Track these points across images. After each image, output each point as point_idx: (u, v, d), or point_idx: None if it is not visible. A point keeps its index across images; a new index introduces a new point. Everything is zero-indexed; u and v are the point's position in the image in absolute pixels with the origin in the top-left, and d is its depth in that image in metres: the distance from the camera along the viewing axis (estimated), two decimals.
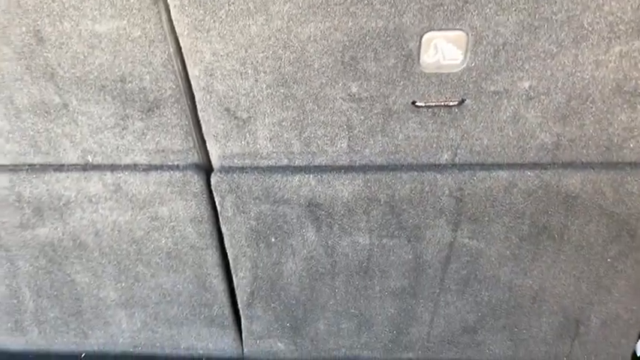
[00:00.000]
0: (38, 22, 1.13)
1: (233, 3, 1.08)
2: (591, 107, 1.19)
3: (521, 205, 1.37)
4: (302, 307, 1.62)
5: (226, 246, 1.50)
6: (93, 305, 1.66)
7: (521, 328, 1.62)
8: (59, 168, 1.40)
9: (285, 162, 1.32)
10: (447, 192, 1.36)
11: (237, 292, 1.60)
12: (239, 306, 1.64)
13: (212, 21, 1.11)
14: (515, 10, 1.06)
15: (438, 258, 1.48)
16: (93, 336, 1.73)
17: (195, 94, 1.22)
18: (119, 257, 1.54)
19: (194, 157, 1.34)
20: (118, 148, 1.32)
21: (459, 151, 1.28)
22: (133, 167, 1.39)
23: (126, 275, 1.58)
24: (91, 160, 1.35)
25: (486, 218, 1.40)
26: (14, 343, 1.77)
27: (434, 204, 1.38)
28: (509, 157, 1.29)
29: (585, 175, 1.32)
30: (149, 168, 1.38)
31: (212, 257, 1.52)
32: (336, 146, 1.29)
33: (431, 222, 1.42)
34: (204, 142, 1.32)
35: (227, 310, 1.65)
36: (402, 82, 1.17)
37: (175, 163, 1.35)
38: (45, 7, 1.11)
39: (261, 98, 1.21)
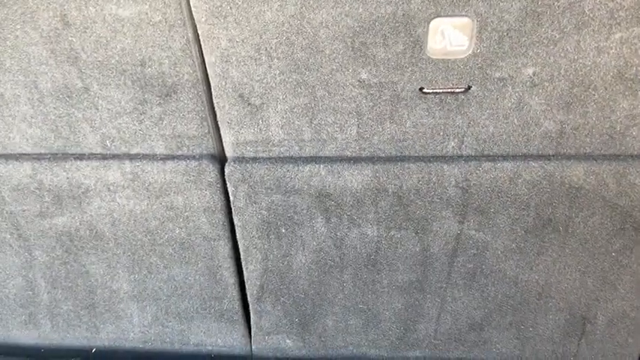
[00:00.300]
0: (65, 7, 1.18)
1: None
2: (594, 94, 1.23)
3: (526, 197, 1.40)
4: (310, 301, 1.63)
5: (238, 237, 1.52)
6: (106, 298, 1.68)
7: (527, 325, 1.62)
8: (80, 156, 1.44)
9: (296, 149, 1.36)
10: (453, 182, 1.38)
11: (248, 285, 1.62)
12: (249, 300, 1.65)
13: (229, 7, 1.16)
14: None
15: (445, 251, 1.50)
16: (104, 330, 1.75)
17: (210, 80, 1.27)
18: (134, 248, 1.57)
19: (208, 144, 1.38)
20: (135, 133, 1.36)
21: (465, 139, 1.31)
22: (152, 156, 1.42)
23: (139, 266, 1.60)
24: (109, 145, 1.39)
25: (492, 210, 1.42)
26: (27, 336, 1.79)
27: (441, 195, 1.41)
28: (514, 145, 1.32)
29: (588, 166, 1.34)
30: (166, 157, 1.42)
31: (224, 248, 1.55)
32: (346, 133, 1.32)
33: (438, 213, 1.44)
34: (218, 128, 1.36)
35: (237, 305, 1.67)
36: (409, 68, 1.21)
37: (191, 148, 1.39)
38: None
39: (274, 84, 1.25)
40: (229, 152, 1.40)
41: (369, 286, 1.59)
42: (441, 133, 1.31)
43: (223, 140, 1.37)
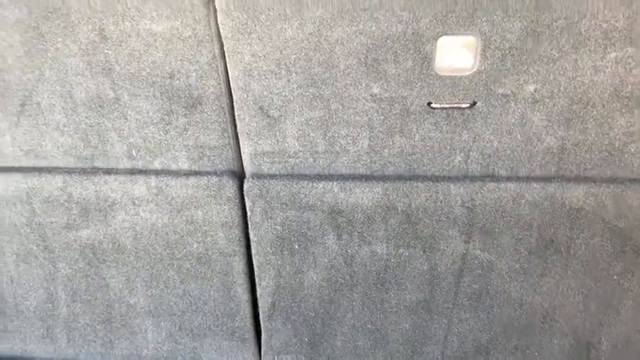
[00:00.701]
0: (104, 21, 1.27)
1: (272, 8, 1.21)
2: (592, 111, 1.28)
3: (529, 217, 1.43)
4: (320, 320, 1.64)
5: (253, 253, 1.56)
6: (122, 313, 1.70)
7: (532, 350, 1.62)
8: (109, 170, 1.50)
9: (310, 161, 1.41)
10: (459, 201, 1.42)
11: (260, 302, 1.64)
12: (260, 318, 1.67)
13: (253, 24, 1.24)
14: (519, 17, 1.18)
15: (452, 270, 1.52)
16: (118, 346, 1.76)
17: (233, 93, 1.33)
18: (153, 261, 1.60)
19: (228, 155, 1.43)
20: (160, 143, 1.42)
21: (471, 153, 1.36)
22: (176, 172, 1.48)
23: (157, 281, 1.63)
24: (135, 155, 1.45)
25: (496, 229, 1.45)
26: (43, 351, 1.80)
27: (447, 213, 1.44)
28: (518, 160, 1.36)
29: (587, 187, 1.38)
30: (189, 172, 1.48)
31: (238, 264, 1.58)
32: (358, 146, 1.37)
33: (445, 232, 1.47)
34: (237, 140, 1.41)
35: (248, 322, 1.68)
36: (418, 84, 1.27)
37: (212, 159, 1.44)
38: (111, 7, 1.24)
39: (291, 97, 1.32)
40: (247, 165, 1.45)
41: (377, 306, 1.61)
42: (448, 147, 1.36)
43: (242, 151, 1.43)
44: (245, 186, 1.46)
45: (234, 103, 1.35)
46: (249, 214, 1.50)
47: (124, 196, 1.51)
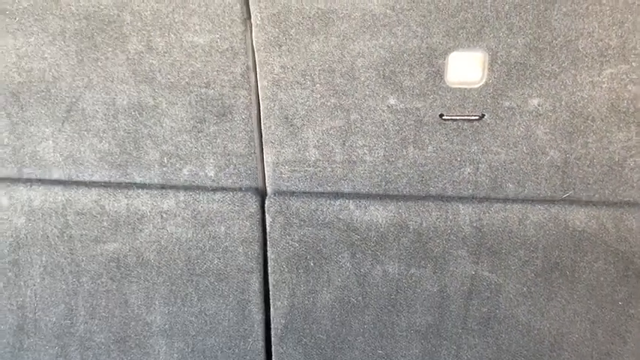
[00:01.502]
0: (151, 33, 1.35)
1: (302, 23, 1.29)
2: (592, 125, 1.31)
3: (534, 239, 1.42)
4: (331, 344, 1.59)
5: (269, 271, 1.53)
6: (138, 331, 1.65)
7: None
8: (142, 185, 1.52)
9: (328, 170, 1.43)
10: (467, 220, 1.42)
11: (273, 324, 1.59)
12: (272, 340, 1.61)
13: (284, 38, 1.31)
14: (522, 34, 1.24)
15: (461, 292, 1.49)
16: None
17: (261, 102, 1.38)
18: (173, 277, 1.57)
19: (252, 164, 1.46)
20: (191, 151, 1.45)
21: (480, 165, 1.38)
22: (203, 187, 1.50)
23: (175, 297, 1.60)
24: (166, 162, 1.47)
25: (503, 250, 1.44)
26: None
27: (457, 233, 1.44)
28: (524, 173, 1.37)
29: (589, 210, 1.38)
30: (216, 187, 1.50)
31: (255, 282, 1.55)
32: (374, 155, 1.40)
33: (454, 252, 1.45)
34: (261, 150, 1.44)
35: (260, 345, 1.62)
36: (431, 96, 1.32)
37: (237, 167, 1.46)
38: (159, 20, 1.33)
39: (314, 107, 1.36)
40: (269, 178, 1.47)
41: (388, 329, 1.56)
42: (459, 159, 1.38)
43: (265, 161, 1.45)
44: (266, 202, 1.47)
45: (262, 112, 1.39)
46: (268, 230, 1.49)
47: (153, 210, 1.51)
